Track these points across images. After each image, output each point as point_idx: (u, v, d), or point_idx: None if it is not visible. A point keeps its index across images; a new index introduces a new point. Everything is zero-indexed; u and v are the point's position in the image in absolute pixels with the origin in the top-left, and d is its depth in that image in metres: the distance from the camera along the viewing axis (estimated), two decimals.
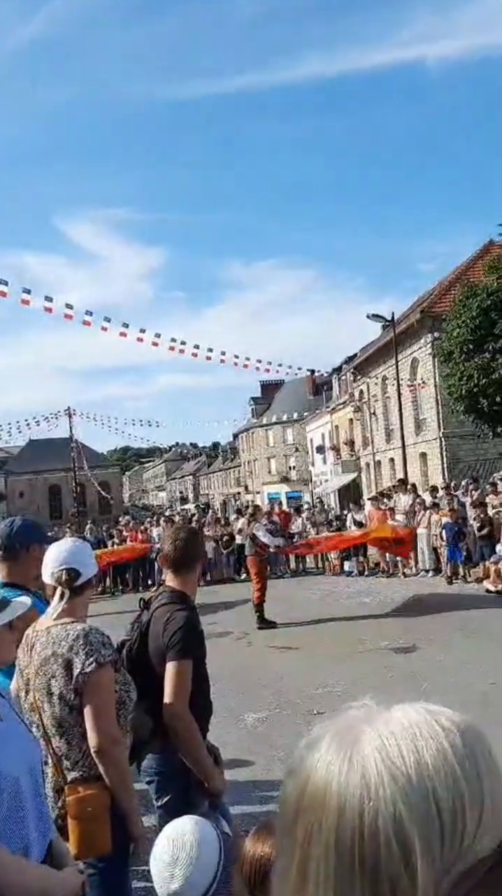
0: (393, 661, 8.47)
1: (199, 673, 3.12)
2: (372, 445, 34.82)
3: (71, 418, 37.16)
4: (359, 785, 0.56)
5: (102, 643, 2.53)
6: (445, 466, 25.12)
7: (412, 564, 15.77)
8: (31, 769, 1.98)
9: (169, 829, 1.81)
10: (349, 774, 0.57)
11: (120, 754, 2.51)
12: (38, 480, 67.59)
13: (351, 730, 0.60)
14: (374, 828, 0.55)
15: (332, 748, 0.60)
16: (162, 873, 1.71)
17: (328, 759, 0.59)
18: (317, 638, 10.22)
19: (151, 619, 3.18)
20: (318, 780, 0.59)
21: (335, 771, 0.58)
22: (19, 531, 3.19)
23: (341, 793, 0.57)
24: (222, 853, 1.75)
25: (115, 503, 66.12)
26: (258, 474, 61.08)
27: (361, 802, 0.56)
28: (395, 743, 0.58)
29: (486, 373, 16.98)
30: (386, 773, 0.56)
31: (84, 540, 4.88)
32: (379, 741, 0.58)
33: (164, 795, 3.05)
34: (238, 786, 4.82)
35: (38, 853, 1.94)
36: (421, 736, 0.58)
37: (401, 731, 0.59)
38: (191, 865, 1.69)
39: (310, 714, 6.74)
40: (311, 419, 50.13)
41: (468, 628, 9.91)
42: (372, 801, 0.55)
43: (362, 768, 0.57)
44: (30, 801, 1.93)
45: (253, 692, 7.64)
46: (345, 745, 0.59)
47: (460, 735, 0.59)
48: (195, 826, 1.78)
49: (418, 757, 0.57)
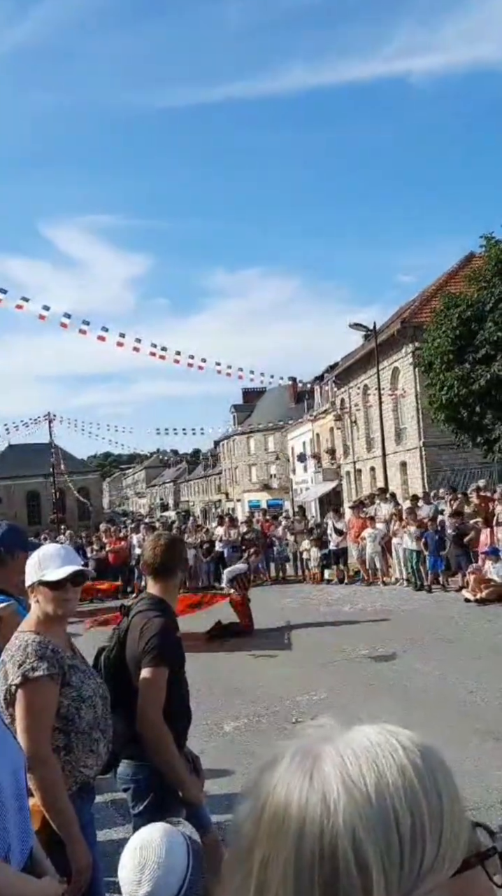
0: (372, 670, 8.48)
1: (177, 680, 3.10)
2: (352, 454, 34.96)
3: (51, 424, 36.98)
4: (319, 804, 0.54)
5: (41, 657, 2.42)
6: (425, 476, 25.29)
7: (391, 573, 15.84)
8: (14, 774, 1.95)
9: (136, 836, 1.80)
10: (309, 794, 0.55)
11: (46, 775, 2.35)
12: (17, 486, 67.03)
13: (310, 749, 0.59)
14: (333, 848, 0.53)
15: (292, 768, 0.58)
16: (129, 879, 1.70)
17: (287, 780, 0.57)
18: (296, 646, 10.21)
19: (129, 626, 3.16)
20: (277, 802, 0.57)
21: (295, 791, 0.56)
22: (6, 537, 3.16)
23: (301, 813, 0.55)
24: (191, 857, 1.74)
25: (94, 509, 65.72)
26: (239, 482, 61.06)
27: (321, 822, 0.54)
28: (356, 762, 0.56)
29: (466, 383, 17.14)
30: (345, 793, 0.55)
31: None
32: (340, 759, 0.57)
33: (140, 803, 3.02)
34: (217, 794, 4.80)
35: (18, 860, 1.91)
36: (381, 754, 0.57)
37: (362, 750, 0.57)
38: (160, 870, 1.68)
39: (289, 722, 6.73)
40: (293, 427, 50.23)
41: (447, 637, 9.96)
42: (330, 821, 0.53)
43: (322, 788, 0.55)
44: (11, 807, 1.90)
45: (231, 700, 7.61)
46: (305, 764, 0.57)
47: (420, 755, 0.58)
48: (163, 832, 1.77)
49: (378, 776, 0.56)
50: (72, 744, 2.48)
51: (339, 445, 38.21)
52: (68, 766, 2.48)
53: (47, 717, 2.42)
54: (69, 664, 2.53)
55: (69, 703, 2.48)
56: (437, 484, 22.54)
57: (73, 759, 2.49)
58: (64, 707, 2.47)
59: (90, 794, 2.67)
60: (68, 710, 2.48)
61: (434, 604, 12.96)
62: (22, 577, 3.25)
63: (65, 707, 2.47)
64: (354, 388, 33.54)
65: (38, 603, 2.56)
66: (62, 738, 2.46)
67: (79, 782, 2.52)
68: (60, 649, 2.53)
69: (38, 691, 2.40)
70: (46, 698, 2.42)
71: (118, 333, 18.60)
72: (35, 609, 2.57)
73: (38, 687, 2.40)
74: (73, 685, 2.51)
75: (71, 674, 2.51)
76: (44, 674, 2.41)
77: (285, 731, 6.48)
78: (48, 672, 2.42)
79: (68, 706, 2.48)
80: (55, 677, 2.44)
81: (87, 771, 2.55)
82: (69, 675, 2.50)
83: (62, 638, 2.62)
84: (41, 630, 2.52)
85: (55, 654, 2.48)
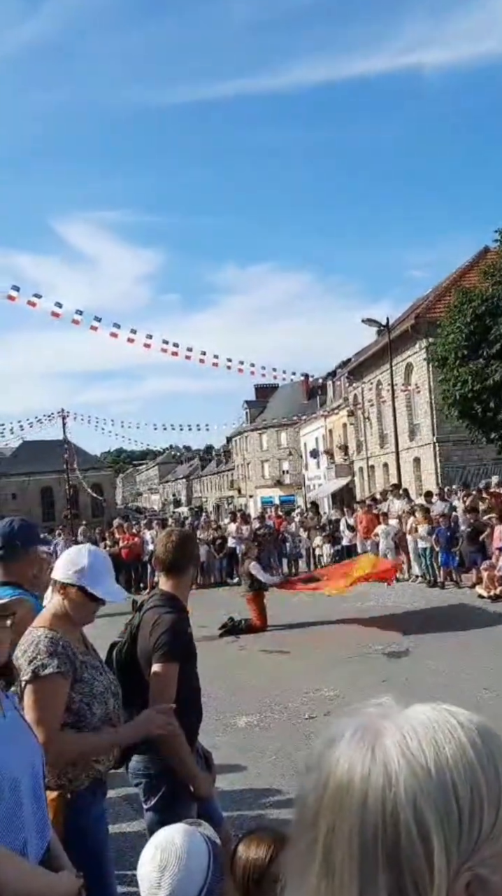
0: (385, 666, 8.46)
1: (188, 676, 3.10)
2: (365, 450, 34.87)
3: (64, 420, 37.13)
4: (380, 776, 0.58)
5: (52, 653, 2.43)
6: (438, 471, 25.18)
7: (405, 570, 15.79)
8: (32, 770, 1.96)
9: (157, 837, 1.79)
10: (371, 766, 0.59)
11: (64, 747, 2.40)
12: (31, 482, 67.43)
13: (371, 726, 0.62)
14: (396, 818, 0.56)
15: (353, 743, 0.61)
16: (149, 880, 1.69)
17: (349, 754, 0.60)
18: (309, 642, 10.20)
19: (141, 622, 3.16)
20: (341, 775, 0.60)
21: (358, 764, 0.59)
22: (21, 531, 3.18)
23: (364, 785, 0.58)
24: (211, 860, 1.73)
25: (107, 506, 66.00)
26: (251, 478, 61.08)
27: (383, 794, 0.57)
28: (415, 737, 0.59)
29: (480, 378, 17.02)
30: (406, 765, 0.58)
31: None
32: (400, 735, 0.60)
33: (152, 797, 3.03)
34: (228, 790, 4.80)
35: (35, 854, 1.92)
36: (439, 730, 0.60)
37: (421, 727, 0.60)
38: (180, 873, 1.67)
39: (301, 718, 6.72)
40: (305, 423, 50.17)
41: (461, 634, 9.91)
42: (392, 792, 0.57)
43: (383, 760, 0.59)
44: (29, 802, 1.91)
45: (244, 696, 7.61)
46: (366, 740, 0.61)
47: (477, 731, 0.61)
48: (184, 833, 1.76)
49: (437, 750, 0.59)
50: None
51: (352, 441, 38.11)
52: (81, 760, 2.48)
53: (56, 713, 2.42)
54: (81, 660, 2.54)
55: (81, 698, 2.49)
56: (451, 480, 22.44)
57: None
58: (75, 703, 2.47)
59: (102, 788, 2.68)
60: (80, 706, 2.48)
61: (447, 600, 12.90)
62: (34, 571, 3.26)
63: (76, 703, 2.47)
64: (367, 383, 33.45)
65: (63, 600, 2.57)
66: (74, 733, 2.47)
67: (91, 777, 2.53)
68: (72, 646, 2.53)
69: (47, 688, 2.41)
70: (55, 695, 2.43)
71: (130, 329, 18.66)
72: (56, 604, 2.58)
73: (48, 684, 2.41)
74: (85, 681, 2.51)
75: (83, 670, 2.52)
76: (54, 671, 2.42)
77: (298, 727, 6.48)
78: (58, 669, 2.42)
79: (80, 702, 2.48)
80: (66, 674, 2.45)
81: (100, 766, 2.56)
82: (81, 671, 2.51)
83: (75, 634, 2.63)
84: (55, 626, 2.53)
85: (66, 651, 2.48)
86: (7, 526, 3.21)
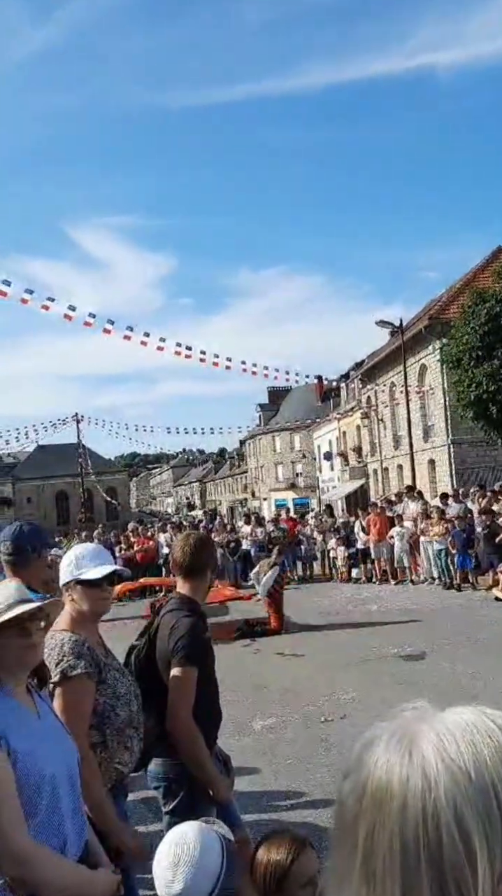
0: (401, 669, 8.43)
1: (206, 680, 3.11)
2: (379, 452, 34.76)
3: (79, 424, 37.32)
4: (420, 780, 0.57)
5: (78, 655, 2.46)
6: (453, 473, 25.05)
7: (420, 572, 15.73)
8: (68, 769, 1.99)
9: (171, 833, 1.81)
10: (409, 770, 0.58)
11: (86, 770, 2.31)
12: (46, 486, 67.79)
13: (408, 729, 0.61)
14: (437, 821, 0.56)
15: (391, 747, 0.61)
16: (163, 876, 1.71)
17: (387, 758, 0.60)
18: (324, 645, 10.18)
19: (160, 625, 3.18)
20: (379, 778, 0.60)
21: (396, 767, 0.59)
22: (30, 535, 3.21)
23: (403, 788, 0.58)
24: (224, 857, 1.74)
25: (122, 509, 66.24)
26: (265, 481, 61.06)
27: (423, 797, 0.57)
28: (453, 740, 0.59)
29: (495, 379, 16.93)
30: (445, 769, 0.57)
31: None
32: (437, 739, 0.59)
33: (171, 800, 3.04)
34: (246, 793, 4.81)
35: (74, 851, 1.95)
36: (477, 733, 0.59)
37: (458, 729, 0.60)
38: (193, 868, 1.69)
39: (317, 721, 6.71)
40: (319, 426, 50.07)
41: (477, 636, 9.85)
42: (432, 795, 0.56)
43: (422, 764, 0.58)
44: (67, 800, 1.94)
45: (260, 699, 7.61)
46: (403, 743, 0.60)
47: None
48: (198, 830, 1.78)
49: (476, 753, 0.58)
50: (107, 741, 2.52)
51: (366, 443, 37.99)
52: (104, 762, 2.51)
53: (85, 714, 2.45)
54: (104, 662, 2.57)
55: (105, 700, 2.52)
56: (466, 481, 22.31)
57: (108, 755, 2.53)
58: (100, 705, 2.50)
59: (123, 791, 2.70)
60: (104, 708, 2.51)
61: (463, 602, 12.83)
62: (45, 576, 3.29)
63: (101, 704, 2.50)
64: (381, 385, 33.34)
65: (72, 601, 2.59)
66: (98, 735, 2.50)
67: (113, 779, 2.56)
68: (95, 648, 2.56)
69: (76, 689, 2.44)
70: (84, 696, 2.46)
71: (143, 333, 18.71)
72: (69, 608, 2.61)
73: (77, 685, 2.44)
74: (109, 683, 2.55)
75: (106, 672, 2.55)
76: (82, 672, 2.45)
77: (314, 730, 6.47)
78: (86, 670, 2.46)
79: (104, 703, 2.52)
80: (92, 675, 2.48)
81: (122, 767, 2.59)
82: (104, 673, 2.54)
83: (95, 637, 2.65)
84: (75, 629, 2.56)
85: (91, 653, 2.52)
86: (16, 531, 3.24)
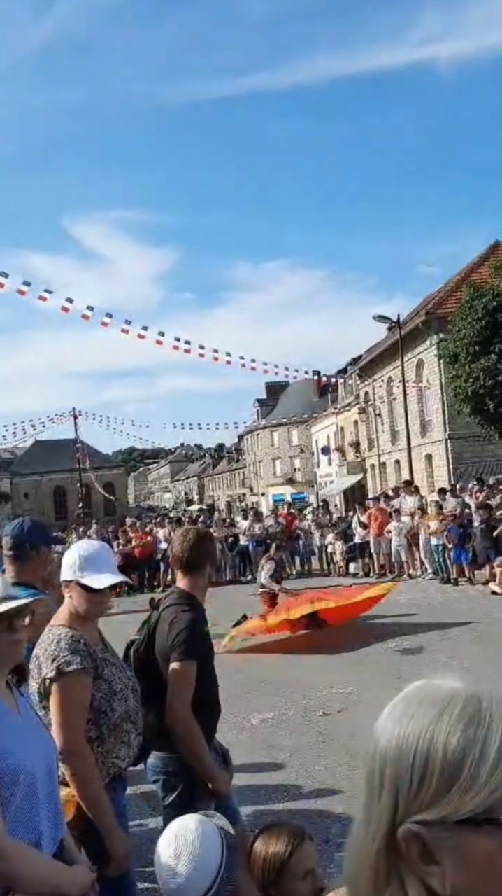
0: (399, 663, 8.46)
1: (205, 674, 3.12)
2: (377, 447, 34.79)
3: (76, 419, 37.26)
4: (378, 738, 0.75)
5: (74, 651, 2.47)
6: (450, 468, 25.08)
7: (418, 566, 15.77)
8: (46, 765, 2.00)
9: (172, 826, 1.82)
10: (378, 728, 0.77)
11: (79, 764, 2.41)
12: (44, 481, 67.77)
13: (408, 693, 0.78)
14: (372, 768, 0.74)
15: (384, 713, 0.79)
16: (164, 869, 1.73)
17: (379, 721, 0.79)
18: (322, 639, 10.20)
19: (159, 620, 3.19)
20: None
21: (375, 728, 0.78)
22: (30, 532, 3.21)
23: (374, 743, 0.76)
24: (225, 850, 1.76)
25: (120, 504, 66.24)
26: (263, 476, 61.09)
27: (373, 751, 0.75)
28: (400, 707, 0.75)
29: (492, 374, 16.96)
30: (384, 731, 0.75)
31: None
32: (392, 705, 0.77)
33: (170, 794, 3.06)
34: (244, 787, 4.83)
35: (48, 848, 1.96)
36: (422, 702, 0.74)
37: (406, 698, 0.76)
38: (194, 861, 1.71)
39: (316, 715, 6.74)
40: (316, 421, 50.11)
41: (475, 630, 9.89)
42: (374, 749, 0.75)
43: (378, 725, 0.76)
44: (44, 796, 1.94)
45: (259, 694, 7.64)
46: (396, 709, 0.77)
47: (460, 706, 0.72)
48: (198, 823, 1.80)
49: (410, 719, 0.73)
50: (104, 736, 2.53)
51: (363, 439, 38.02)
52: (101, 757, 2.52)
53: (81, 709, 2.46)
54: (101, 657, 2.58)
55: (102, 695, 2.53)
56: (463, 476, 22.36)
57: (105, 750, 2.54)
58: (97, 700, 2.51)
59: (122, 785, 2.72)
60: (101, 703, 2.52)
61: (461, 597, 12.87)
62: (46, 571, 3.30)
63: (97, 700, 2.51)
64: (378, 380, 33.35)
65: (71, 599, 2.60)
66: (95, 730, 2.51)
67: (111, 774, 2.57)
68: (92, 643, 2.57)
69: (72, 685, 2.45)
70: (80, 691, 2.47)
71: (141, 327, 18.65)
72: (68, 604, 2.62)
73: (72, 681, 2.45)
74: (106, 678, 2.55)
75: (103, 667, 2.56)
76: (77, 668, 2.45)
77: (312, 724, 6.50)
78: (82, 666, 2.47)
79: (101, 699, 2.52)
80: (88, 671, 2.49)
81: (120, 762, 2.60)
82: (101, 668, 2.55)
83: (93, 632, 2.66)
84: (73, 624, 2.57)
85: (87, 649, 2.52)
86: (18, 527, 3.24)
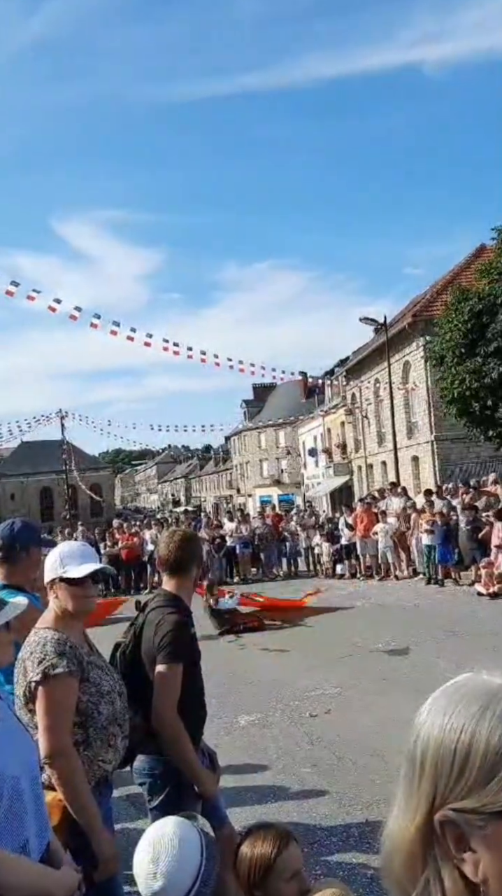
0: (386, 664, 8.49)
1: (192, 676, 3.12)
2: (364, 448, 34.89)
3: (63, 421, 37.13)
4: (420, 726, 0.77)
5: (60, 653, 2.46)
6: (437, 469, 25.21)
7: (404, 567, 15.83)
8: (29, 770, 1.99)
9: (151, 829, 1.82)
10: (420, 718, 0.79)
11: (65, 767, 2.40)
12: (30, 483, 67.39)
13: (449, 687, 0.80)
14: (413, 752, 0.76)
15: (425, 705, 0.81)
16: (144, 872, 1.72)
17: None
18: (309, 640, 10.23)
19: (145, 622, 3.18)
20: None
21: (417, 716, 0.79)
22: (19, 533, 3.19)
23: (415, 730, 0.78)
24: (204, 851, 1.75)
25: (106, 506, 65.99)
26: (250, 477, 61.08)
27: (414, 737, 0.77)
28: (444, 697, 0.77)
29: (478, 376, 17.06)
30: (428, 720, 0.76)
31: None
32: (434, 697, 0.79)
33: (157, 797, 3.05)
34: (232, 789, 4.83)
35: (35, 852, 1.94)
36: (466, 694, 0.76)
37: (450, 689, 0.78)
38: (173, 863, 1.70)
39: (303, 716, 6.75)
40: (304, 422, 50.17)
41: (460, 631, 9.94)
42: (416, 736, 0.76)
43: (420, 715, 0.79)
44: (29, 801, 1.93)
45: (245, 695, 7.64)
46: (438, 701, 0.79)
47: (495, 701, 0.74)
48: (177, 825, 1.79)
49: (455, 710, 0.74)
50: (90, 738, 2.52)
51: (350, 440, 38.12)
52: (87, 760, 2.51)
53: (67, 712, 2.45)
54: (87, 660, 2.56)
55: (88, 698, 2.51)
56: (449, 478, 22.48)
57: (91, 753, 2.53)
58: (83, 703, 2.50)
59: (108, 788, 2.70)
60: (87, 706, 2.51)
61: (446, 598, 12.94)
62: (36, 574, 3.28)
63: (83, 703, 2.50)
64: (365, 382, 33.46)
65: (56, 599, 2.59)
66: (81, 732, 2.50)
67: (97, 776, 2.56)
68: (78, 646, 2.56)
69: (58, 688, 2.43)
70: (66, 694, 2.45)
71: (129, 328, 18.62)
72: (53, 605, 2.60)
73: (58, 683, 2.43)
74: (92, 681, 2.54)
75: (89, 670, 2.55)
76: (63, 671, 2.44)
77: (299, 725, 6.50)
78: (68, 669, 2.45)
79: (87, 702, 2.51)
80: (74, 674, 2.48)
81: (106, 765, 2.59)
82: (88, 671, 2.54)
83: (79, 635, 2.65)
84: (59, 627, 2.56)
85: (74, 651, 2.51)
86: (7, 528, 3.22)
